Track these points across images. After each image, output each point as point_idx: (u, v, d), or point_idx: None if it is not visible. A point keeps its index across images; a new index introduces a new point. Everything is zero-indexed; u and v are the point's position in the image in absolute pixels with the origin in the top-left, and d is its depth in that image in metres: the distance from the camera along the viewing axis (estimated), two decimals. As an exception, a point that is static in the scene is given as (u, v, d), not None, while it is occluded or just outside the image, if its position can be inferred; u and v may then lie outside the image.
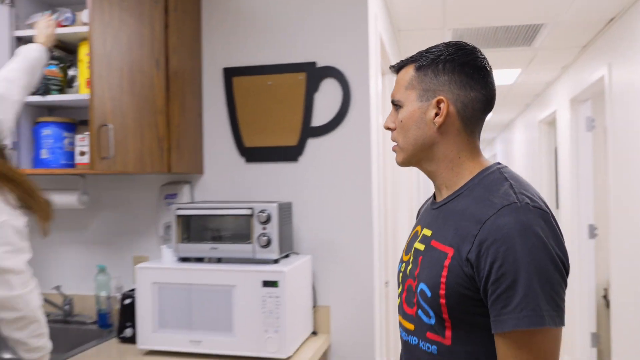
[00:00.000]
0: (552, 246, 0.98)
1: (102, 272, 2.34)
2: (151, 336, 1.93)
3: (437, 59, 1.12)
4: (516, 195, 1.02)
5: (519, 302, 0.95)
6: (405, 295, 1.17)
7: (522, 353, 0.97)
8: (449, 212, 1.11)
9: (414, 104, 1.13)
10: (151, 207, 2.40)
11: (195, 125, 2.27)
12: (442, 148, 1.13)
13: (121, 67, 1.82)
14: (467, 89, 1.11)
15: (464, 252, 1.02)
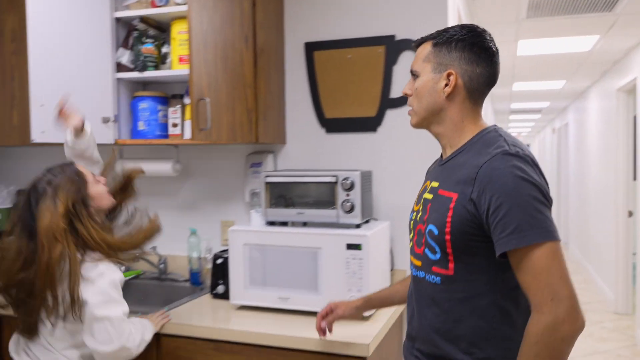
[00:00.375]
0: (535, 181, 1.19)
1: (193, 235, 2.54)
2: (243, 292, 2.10)
3: (452, 38, 1.33)
4: (508, 146, 1.24)
5: (515, 227, 1.15)
6: (416, 238, 1.39)
7: (527, 267, 1.16)
8: (453, 166, 1.33)
9: (428, 74, 1.35)
10: (237, 175, 2.56)
11: (279, 98, 2.40)
12: (449, 113, 1.35)
13: (215, 44, 1.96)
14: (474, 65, 1.32)
15: (467, 193, 1.24)
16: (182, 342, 1.96)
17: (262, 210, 2.15)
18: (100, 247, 1.70)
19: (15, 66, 2.48)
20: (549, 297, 1.13)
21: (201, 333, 1.93)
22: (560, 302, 1.12)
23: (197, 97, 1.87)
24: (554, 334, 1.12)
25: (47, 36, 2.08)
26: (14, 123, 2.51)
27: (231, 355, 1.90)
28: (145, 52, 2.30)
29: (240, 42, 2.09)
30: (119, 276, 1.73)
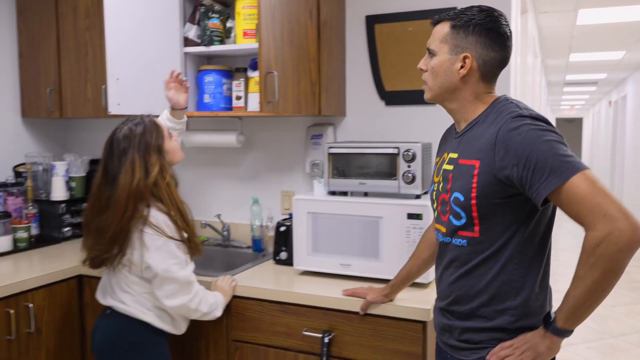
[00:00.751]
0: (550, 128, 1.29)
1: (256, 204, 2.65)
2: (306, 259, 2.20)
3: (470, 22, 1.38)
4: (520, 109, 1.33)
5: (550, 169, 1.23)
6: (440, 207, 1.48)
7: (573, 198, 1.22)
8: (470, 137, 1.41)
9: (445, 55, 1.41)
10: (297, 146, 2.64)
11: (340, 71, 2.45)
12: (462, 92, 1.42)
13: (282, 19, 2.03)
14: (488, 49, 1.39)
15: (491, 159, 1.31)
16: (250, 304, 2.08)
17: (325, 180, 2.23)
18: (171, 205, 1.83)
19: (89, 42, 2.63)
20: (600, 215, 1.18)
21: (268, 295, 2.04)
22: (612, 217, 1.17)
23: (265, 70, 1.95)
24: (610, 246, 1.18)
25: (120, 12, 2.18)
26: (88, 96, 2.67)
27: (297, 317, 2.01)
28: (211, 27, 2.38)
29: (305, 16, 2.14)
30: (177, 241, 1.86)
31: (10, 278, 2.13)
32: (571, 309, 1.26)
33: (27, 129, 3.00)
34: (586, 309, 1.26)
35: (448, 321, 1.49)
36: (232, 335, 2.12)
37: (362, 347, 1.92)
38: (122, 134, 1.84)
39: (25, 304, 2.12)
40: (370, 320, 1.90)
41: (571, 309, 1.26)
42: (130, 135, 1.83)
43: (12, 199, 2.69)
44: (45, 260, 2.43)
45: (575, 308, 1.26)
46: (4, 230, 2.52)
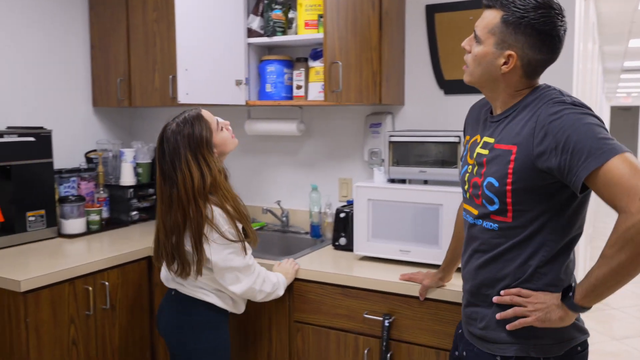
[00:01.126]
0: (590, 112, 1.27)
1: (314, 191, 2.72)
2: (365, 244, 2.26)
3: (522, 19, 1.31)
4: (562, 96, 1.32)
5: (588, 151, 1.21)
6: (472, 190, 1.47)
7: (609, 181, 1.20)
8: (508, 122, 1.39)
9: (490, 47, 1.37)
10: (355, 134, 2.70)
11: (399, 60, 2.49)
12: (503, 85, 1.40)
13: (346, 9, 2.08)
14: (536, 51, 1.34)
15: (530, 143, 1.30)
16: (312, 287, 2.16)
17: (385, 168, 2.28)
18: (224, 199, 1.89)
19: (157, 33, 2.74)
20: (636, 198, 1.16)
21: (329, 279, 2.12)
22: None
23: (330, 60, 2.01)
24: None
25: (190, 6, 2.28)
26: (155, 86, 2.79)
27: (357, 300, 2.07)
28: (274, 18, 2.45)
29: (368, 7, 2.19)
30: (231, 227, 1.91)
31: (87, 257, 2.28)
32: (591, 287, 1.26)
33: (97, 117, 3.16)
34: (607, 289, 1.25)
35: (474, 308, 1.50)
36: (294, 316, 2.20)
37: (422, 331, 1.97)
38: (171, 132, 1.87)
39: (101, 282, 2.26)
40: (430, 305, 1.95)
41: (591, 287, 1.26)
42: (179, 134, 1.86)
43: (84, 183, 2.86)
44: (116, 241, 2.58)
45: (596, 287, 1.25)
46: (78, 213, 2.68)
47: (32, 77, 2.81)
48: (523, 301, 1.38)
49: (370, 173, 2.66)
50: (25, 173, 2.50)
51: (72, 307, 2.15)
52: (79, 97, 3.05)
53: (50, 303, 2.07)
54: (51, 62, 2.89)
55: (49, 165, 2.60)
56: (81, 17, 3.01)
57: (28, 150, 2.51)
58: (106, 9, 2.91)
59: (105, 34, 2.94)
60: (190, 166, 1.83)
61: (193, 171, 1.83)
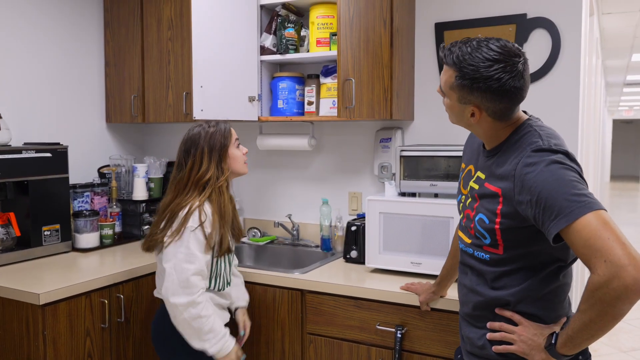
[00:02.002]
0: (567, 165, 1.28)
1: (325, 204, 2.76)
2: (377, 257, 2.30)
3: (473, 81, 1.34)
4: (542, 140, 1.34)
5: (558, 209, 1.23)
6: (465, 221, 1.51)
7: (579, 240, 1.22)
8: (496, 162, 1.43)
9: (454, 102, 1.42)
10: (365, 149, 2.75)
11: (409, 77, 2.54)
12: (481, 130, 1.45)
13: (359, 28, 2.14)
14: (496, 102, 1.36)
15: (510, 190, 1.34)
16: (325, 298, 2.19)
17: (396, 181, 2.32)
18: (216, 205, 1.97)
19: (171, 51, 2.81)
20: (602, 260, 1.17)
21: (342, 291, 2.15)
22: (614, 264, 1.16)
23: (343, 77, 2.06)
24: (609, 292, 1.17)
25: (204, 23, 2.34)
26: (169, 102, 2.85)
27: (370, 312, 2.10)
28: (287, 36, 2.52)
29: (380, 25, 2.25)
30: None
31: (102, 271, 2.31)
32: (569, 338, 1.29)
33: (110, 133, 3.22)
34: (583, 341, 1.27)
35: (471, 328, 1.54)
36: (307, 328, 2.23)
37: (434, 342, 2.00)
38: (196, 130, 2.03)
39: (117, 295, 2.29)
40: (442, 316, 1.98)
41: (569, 338, 1.29)
42: (202, 133, 2.01)
43: (98, 198, 2.90)
44: (129, 255, 2.62)
45: (573, 338, 1.28)
46: (92, 227, 2.73)
47: (47, 94, 2.87)
48: (512, 329, 1.43)
49: (379, 187, 2.71)
50: (42, 188, 2.55)
51: (88, 320, 2.18)
52: (93, 113, 3.11)
53: (68, 316, 2.10)
54: (66, 79, 2.96)
55: (64, 181, 2.65)
56: (97, 35, 3.08)
57: (45, 166, 2.56)
58: (121, 27, 2.98)
59: (120, 52, 3.01)
60: (203, 157, 1.98)
61: (203, 161, 1.98)
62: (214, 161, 1.99)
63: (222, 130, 2.03)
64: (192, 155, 1.99)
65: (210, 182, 1.97)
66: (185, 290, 1.87)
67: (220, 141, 2.01)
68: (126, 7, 2.95)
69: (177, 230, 1.91)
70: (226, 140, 2.02)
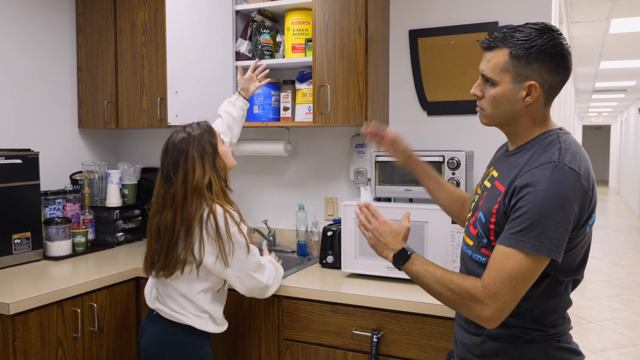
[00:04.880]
0: (569, 201, 1.26)
1: (301, 210, 2.76)
2: (353, 261, 2.30)
3: (531, 49, 1.32)
4: (560, 155, 1.30)
5: (523, 228, 1.26)
6: (473, 220, 1.49)
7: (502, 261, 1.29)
8: (512, 162, 1.41)
9: (507, 85, 1.35)
10: (341, 155, 2.76)
11: (384, 83, 2.57)
12: (525, 118, 1.39)
13: (334, 35, 2.15)
14: (553, 74, 1.34)
15: (509, 190, 1.33)
16: (301, 304, 2.19)
17: (372, 187, 2.34)
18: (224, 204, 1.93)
19: (145, 56, 2.78)
20: (493, 291, 1.29)
21: (318, 296, 2.15)
22: (496, 300, 1.28)
23: (319, 83, 2.07)
24: (471, 311, 1.33)
25: (179, 29, 2.33)
26: (143, 107, 2.82)
27: (346, 317, 2.11)
28: (263, 42, 2.52)
29: (355, 32, 2.26)
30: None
31: (74, 279, 2.27)
32: (418, 274, 1.44)
33: (83, 139, 3.17)
34: (423, 285, 1.44)
35: (467, 335, 1.51)
36: (283, 334, 2.23)
37: (410, 345, 2.01)
38: (180, 137, 1.92)
39: (90, 303, 2.26)
40: (417, 319, 2.00)
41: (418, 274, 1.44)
42: (188, 137, 1.91)
43: (70, 205, 2.85)
44: (103, 263, 2.58)
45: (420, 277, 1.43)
46: (64, 235, 2.68)
47: (17, 100, 2.82)
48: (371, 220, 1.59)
49: (355, 192, 2.72)
50: (12, 195, 2.50)
51: (60, 329, 2.14)
52: (65, 118, 3.06)
53: (39, 326, 2.06)
54: (37, 84, 2.91)
55: (35, 187, 2.60)
56: (69, 39, 3.04)
57: (15, 173, 2.51)
58: (94, 32, 2.95)
59: (93, 57, 2.97)
60: (195, 163, 1.88)
61: (196, 167, 1.87)
62: (207, 164, 1.90)
63: (207, 130, 1.95)
64: (182, 166, 1.88)
65: (213, 186, 1.90)
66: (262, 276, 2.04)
67: (209, 141, 1.93)
68: (99, 12, 2.92)
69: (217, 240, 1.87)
70: (214, 139, 1.95)
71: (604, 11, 4.20)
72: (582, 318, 4.96)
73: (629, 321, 4.90)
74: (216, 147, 1.95)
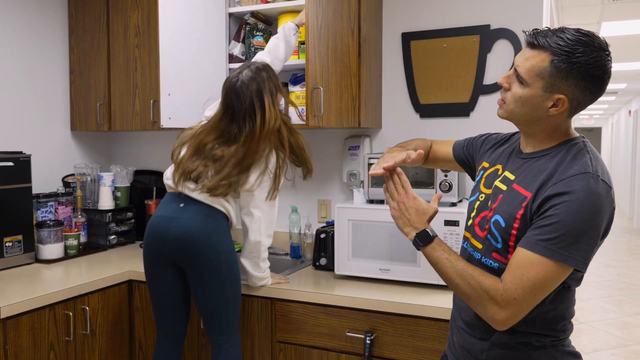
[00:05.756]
0: (602, 215, 1.24)
1: (294, 212, 2.77)
2: (346, 264, 2.31)
3: (575, 63, 1.24)
4: (592, 167, 1.26)
5: (556, 237, 1.22)
6: (479, 220, 1.44)
7: (528, 268, 1.24)
8: (534, 166, 1.35)
9: (537, 90, 1.29)
10: (334, 157, 2.76)
11: (377, 85, 2.58)
12: (544, 125, 1.34)
13: (327, 37, 2.16)
14: (587, 94, 1.28)
15: (539, 196, 1.28)
16: (294, 306, 2.19)
17: (365, 189, 2.34)
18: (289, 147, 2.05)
19: (138, 58, 2.78)
20: (512, 297, 1.25)
21: (311, 298, 2.15)
22: (511, 305, 1.25)
23: (312, 86, 2.08)
24: (486, 310, 1.29)
25: (172, 31, 2.33)
26: (136, 110, 2.82)
27: (339, 319, 2.11)
28: (256, 44, 2.52)
29: (348, 35, 2.27)
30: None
31: (66, 283, 2.26)
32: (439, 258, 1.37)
33: (75, 141, 3.16)
34: (438, 270, 1.38)
35: (470, 338, 1.47)
36: (276, 336, 2.23)
37: (403, 347, 2.02)
38: (248, 77, 1.96)
39: (82, 307, 2.25)
40: (409, 321, 2.00)
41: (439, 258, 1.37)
42: (257, 78, 1.96)
43: (62, 208, 2.84)
44: (95, 266, 2.57)
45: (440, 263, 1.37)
46: (56, 238, 2.67)
47: (10, 102, 2.80)
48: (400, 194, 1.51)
49: (348, 194, 2.73)
50: (3, 198, 2.49)
51: (52, 333, 2.13)
52: (57, 121, 3.05)
53: (30, 329, 2.05)
54: (29, 87, 2.90)
55: (27, 190, 2.59)
56: (61, 42, 3.03)
57: (6, 175, 2.50)
58: (86, 34, 2.94)
59: (85, 59, 2.96)
60: (271, 106, 1.96)
61: (271, 110, 1.96)
62: (276, 105, 1.98)
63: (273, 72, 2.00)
64: (257, 104, 1.93)
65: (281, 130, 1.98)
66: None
67: (275, 84, 1.99)
68: (92, 15, 2.91)
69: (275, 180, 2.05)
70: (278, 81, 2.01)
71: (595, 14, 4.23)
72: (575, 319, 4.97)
73: (620, 322, 4.93)
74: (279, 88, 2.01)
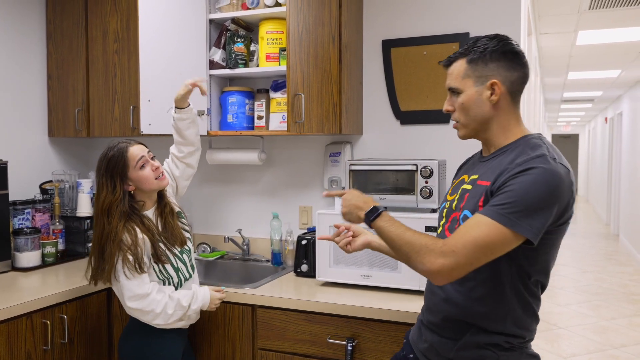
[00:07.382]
0: (559, 193, 1.30)
1: (275, 219, 2.76)
2: (327, 270, 2.31)
3: (484, 51, 1.42)
4: (549, 153, 1.35)
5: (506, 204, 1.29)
6: (448, 225, 1.50)
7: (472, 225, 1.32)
8: (495, 162, 1.44)
9: (471, 89, 1.44)
10: (316, 163, 2.77)
11: (358, 92, 2.59)
12: (497, 119, 1.45)
13: (308, 44, 2.16)
14: (511, 70, 1.43)
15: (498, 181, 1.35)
16: (276, 313, 2.18)
17: (346, 195, 2.35)
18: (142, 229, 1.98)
19: (117, 64, 2.76)
20: (451, 249, 1.30)
21: (293, 305, 2.15)
22: (450, 257, 1.30)
23: (293, 92, 2.08)
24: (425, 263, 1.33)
25: (152, 37, 2.31)
26: (115, 116, 2.79)
27: (321, 325, 2.11)
28: (236, 51, 2.52)
29: (329, 42, 2.28)
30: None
31: (44, 291, 2.22)
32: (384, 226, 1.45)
33: (53, 147, 3.12)
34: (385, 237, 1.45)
35: (440, 338, 1.50)
36: (258, 343, 2.22)
37: (384, 353, 2.02)
38: (100, 156, 2.04)
39: (60, 315, 2.21)
40: (390, 327, 2.01)
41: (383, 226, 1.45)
42: (103, 158, 2.02)
43: (39, 215, 2.80)
44: (73, 274, 2.53)
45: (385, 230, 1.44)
46: (33, 245, 2.63)
47: (-14, 107, 2.76)
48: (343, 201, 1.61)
49: (329, 201, 2.73)
50: (-21, 205, 2.44)
51: (29, 342, 2.09)
52: (35, 127, 3.01)
53: (7, 338, 2.01)
54: (5, 92, 2.85)
55: (4, 197, 2.55)
56: (38, 47, 2.99)
57: (-18, 182, 2.46)
58: (65, 40, 2.91)
59: (64, 64, 2.93)
60: (103, 184, 1.98)
61: (103, 189, 1.97)
62: (118, 184, 1.97)
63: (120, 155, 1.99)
64: (97, 182, 2.01)
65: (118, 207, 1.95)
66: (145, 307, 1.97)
67: (118, 165, 1.98)
68: (70, 19, 2.88)
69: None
70: (123, 163, 1.99)
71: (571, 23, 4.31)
72: (552, 324, 5.04)
73: (597, 327, 5.00)
74: (126, 173, 1.99)
